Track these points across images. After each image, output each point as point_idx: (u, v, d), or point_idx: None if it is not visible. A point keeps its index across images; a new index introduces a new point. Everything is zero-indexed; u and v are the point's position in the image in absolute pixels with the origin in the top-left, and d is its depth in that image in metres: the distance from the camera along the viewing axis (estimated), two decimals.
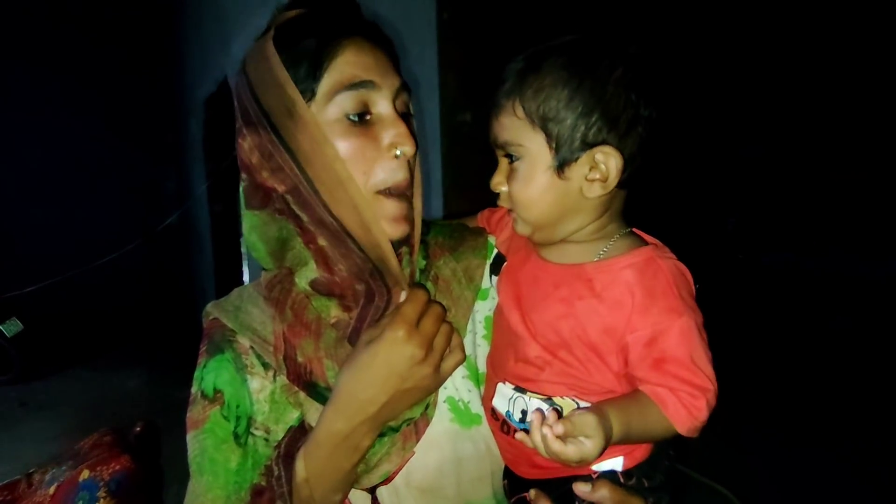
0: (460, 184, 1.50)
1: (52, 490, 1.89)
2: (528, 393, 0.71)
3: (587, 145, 0.69)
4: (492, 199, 0.92)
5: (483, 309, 0.83)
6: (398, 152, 0.70)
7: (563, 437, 0.59)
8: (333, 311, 0.74)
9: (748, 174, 4.06)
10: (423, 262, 0.80)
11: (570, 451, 0.58)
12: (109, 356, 4.79)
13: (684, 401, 0.64)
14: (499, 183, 0.74)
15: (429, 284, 0.78)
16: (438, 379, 0.68)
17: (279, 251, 0.75)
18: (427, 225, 0.83)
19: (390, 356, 0.65)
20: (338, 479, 0.68)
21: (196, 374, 0.75)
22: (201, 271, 5.39)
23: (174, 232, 5.62)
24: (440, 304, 0.70)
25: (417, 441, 0.72)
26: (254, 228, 0.75)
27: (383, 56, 0.72)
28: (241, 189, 0.76)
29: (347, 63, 0.68)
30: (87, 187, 5.74)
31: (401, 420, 0.71)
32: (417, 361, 0.65)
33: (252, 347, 0.74)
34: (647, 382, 0.66)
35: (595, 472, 0.70)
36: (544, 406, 0.70)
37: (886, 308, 3.45)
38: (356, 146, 0.69)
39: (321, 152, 0.68)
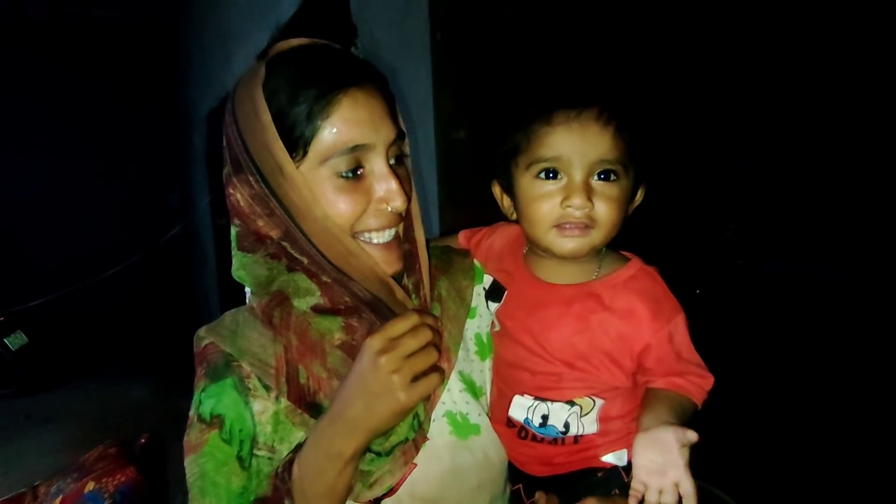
0: (456, 201, 1.53)
1: (57, 502, 1.92)
2: (549, 400, 0.78)
3: (643, 179, 0.79)
4: (487, 216, 0.96)
5: (472, 326, 0.87)
6: (389, 208, 0.72)
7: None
8: (337, 335, 0.75)
9: (746, 182, 4.08)
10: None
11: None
12: (114, 368, 4.82)
13: (699, 384, 0.77)
14: (587, 200, 0.74)
15: (435, 305, 0.82)
16: (410, 395, 0.67)
17: (268, 283, 0.77)
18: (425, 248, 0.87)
19: (360, 361, 0.68)
20: (323, 483, 0.69)
21: (195, 396, 0.76)
22: (205, 283, 5.43)
23: (178, 244, 5.67)
24: (435, 330, 0.71)
25: (417, 454, 0.74)
26: (244, 267, 0.77)
27: (379, 104, 0.72)
28: (232, 232, 0.77)
29: (342, 122, 0.69)
30: (92, 201, 5.80)
31: (392, 442, 0.73)
32: (380, 366, 0.66)
33: (253, 371, 0.75)
34: (667, 377, 0.76)
35: (603, 464, 0.77)
36: (566, 409, 0.77)
37: (885, 314, 3.45)
38: (347, 201, 0.71)
39: (312, 210, 0.70)
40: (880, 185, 3.67)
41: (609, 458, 0.77)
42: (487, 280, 0.90)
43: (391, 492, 0.74)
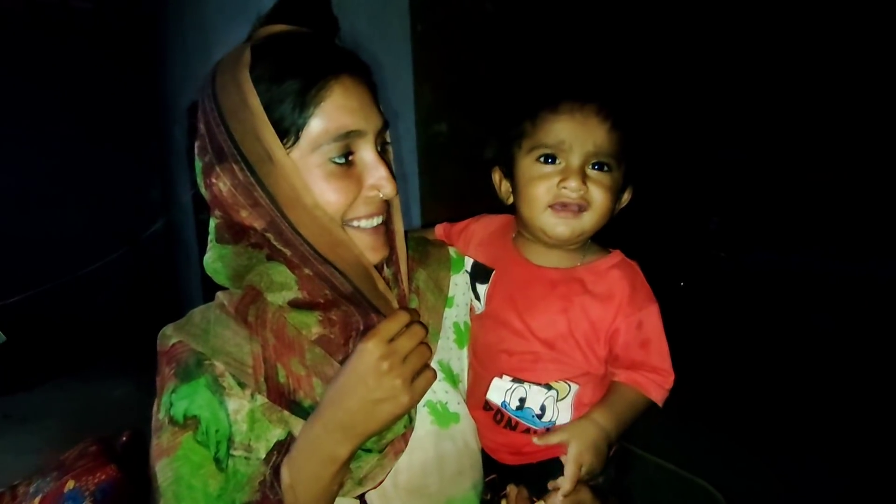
0: (437, 194, 1.53)
1: (36, 501, 1.88)
2: (527, 382, 0.82)
3: (631, 180, 0.86)
4: (469, 209, 0.97)
5: (450, 315, 0.88)
6: (381, 195, 0.73)
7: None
8: (314, 329, 0.75)
9: (729, 176, 4.13)
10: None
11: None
12: (95, 366, 4.75)
13: (658, 382, 0.81)
14: (582, 183, 0.80)
15: (413, 297, 0.82)
16: (412, 395, 0.69)
17: (242, 275, 0.76)
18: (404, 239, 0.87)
19: (358, 366, 0.68)
20: (318, 487, 0.69)
21: (163, 399, 0.74)
22: (187, 279, 5.37)
23: (160, 240, 5.59)
24: (423, 325, 0.73)
25: (405, 448, 0.75)
26: (221, 258, 0.76)
27: (366, 92, 0.72)
28: (212, 224, 0.76)
29: (335, 109, 0.68)
30: (71, 196, 5.69)
31: (386, 438, 0.74)
32: (384, 372, 0.67)
33: (228, 370, 0.74)
34: (629, 371, 0.81)
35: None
36: (543, 392, 0.81)
37: (867, 306, 3.52)
38: (338, 187, 0.70)
39: (301, 198, 0.69)
40: (863, 178, 3.73)
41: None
42: (469, 263, 0.92)
43: (376, 484, 0.74)
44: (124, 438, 2.39)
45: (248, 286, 0.76)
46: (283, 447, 0.73)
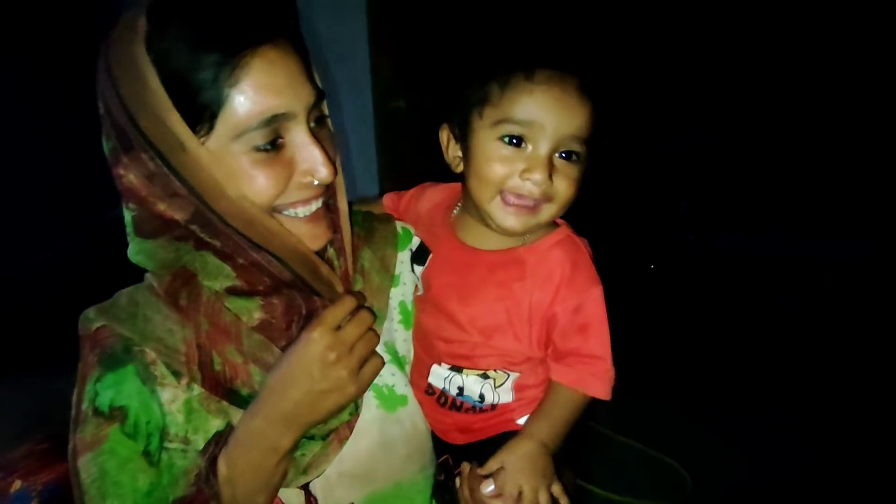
0: (397, 172, 1.47)
1: None
2: (464, 370, 0.77)
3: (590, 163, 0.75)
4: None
5: (396, 295, 0.83)
6: (315, 182, 0.66)
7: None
8: (256, 314, 0.69)
9: (698, 159, 4.17)
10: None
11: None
12: (50, 361, 4.59)
13: (595, 372, 0.74)
14: (547, 178, 0.70)
15: (357, 277, 0.77)
16: (359, 385, 0.66)
17: (171, 265, 0.69)
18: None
19: (303, 356, 0.64)
20: (259, 479, 0.66)
21: (87, 388, 0.67)
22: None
23: (119, 227, 5.41)
24: (370, 311, 0.69)
25: (350, 435, 0.72)
26: (143, 252, 0.68)
27: (295, 63, 0.63)
28: (127, 217, 0.67)
29: (256, 90, 0.59)
30: (20, 181, 5.45)
31: (331, 425, 0.70)
32: (330, 363, 0.64)
33: (159, 358, 0.68)
34: (565, 364, 0.74)
35: (519, 427, 0.76)
36: (479, 381, 0.77)
37: (830, 286, 3.61)
38: (266, 175, 0.63)
39: (223, 190, 0.62)
40: (832, 160, 3.81)
41: (524, 421, 0.78)
42: (415, 242, 0.86)
43: (320, 472, 0.71)
44: None
45: (181, 269, 0.69)
46: (220, 438, 0.68)
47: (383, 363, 0.71)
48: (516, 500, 0.70)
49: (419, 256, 0.83)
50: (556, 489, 0.72)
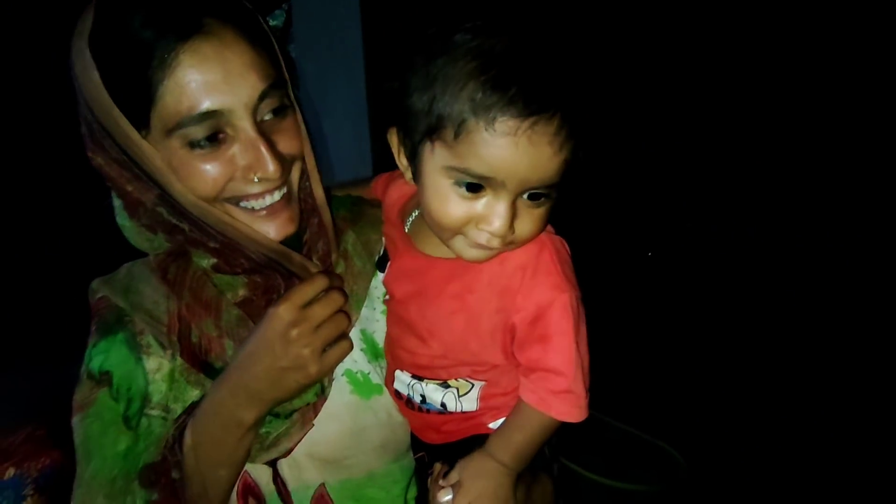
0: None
1: None
2: (425, 380, 0.72)
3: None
4: None
5: (381, 284, 0.81)
6: (255, 178, 0.64)
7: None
8: (241, 291, 0.71)
9: (695, 146, 4.16)
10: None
11: None
12: (48, 348, 4.59)
13: (556, 390, 0.65)
14: (509, 228, 0.60)
15: (339, 261, 0.77)
16: (321, 366, 0.65)
17: (158, 245, 0.72)
18: (330, 200, 0.79)
19: (266, 331, 0.64)
20: (222, 451, 0.66)
21: (87, 352, 0.72)
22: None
23: (113, 219, 5.38)
24: (343, 293, 0.68)
25: (315, 417, 0.71)
26: (127, 230, 0.71)
27: (237, 53, 0.60)
28: (115, 202, 0.70)
29: (182, 87, 0.58)
30: (14, 169, 5.42)
31: (294, 405, 0.70)
32: (292, 340, 0.63)
33: (146, 328, 0.71)
34: (530, 379, 0.66)
35: (491, 430, 0.72)
36: (440, 390, 0.72)
37: (831, 275, 3.61)
38: (203, 171, 0.62)
39: (175, 181, 0.63)
40: (833, 155, 3.80)
41: (496, 426, 0.72)
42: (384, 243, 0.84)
43: (287, 452, 0.71)
44: None
45: (175, 246, 0.71)
46: (192, 409, 0.69)
47: (351, 347, 0.70)
48: None
49: (381, 262, 0.79)
50: None
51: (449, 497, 0.67)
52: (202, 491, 0.67)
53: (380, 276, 0.79)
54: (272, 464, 0.71)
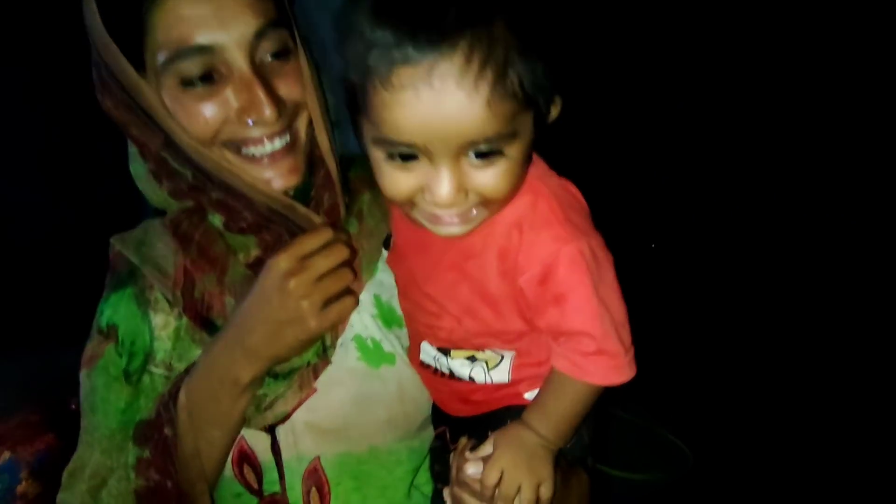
0: None
1: None
2: (452, 352, 0.67)
3: (551, 105, 0.56)
4: None
5: None
6: (250, 122, 0.62)
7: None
8: (253, 251, 0.70)
9: (702, 135, 4.11)
10: (346, 199, 0.76)
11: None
12: (42, 333, 4.57)
13: (586, 351, 0.58)
14: (458, 191, 0.52)
15: (353, 220, 0.74)
16: (321, 321, 0.62)
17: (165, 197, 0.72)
18: (350, 161, 0.78)
19: (264, 283, 0.62)
20: (216, 411, 0.65)
21: (99, 306, 0.73)
22: None
23: (117, 202, 5.35)
24: (350, 247, 0.66)
25: (315, 380, 0.68)
26: (139, 178, 0.72)
27: None
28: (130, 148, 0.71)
29: (170, 22, 0.58)
30: (19, 156, 5.38)
31: (293, 364, 0.67)
32: (289, 291, 0.60)
33: (153, 281, 0.71)
34: (558, 349, 0.60)
35: (526, 402, 0.66)
36: (467, 365, 0.67)
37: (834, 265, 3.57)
38: (200, 112, 0.61)
39: (175, 125, 0.63)
40: (835, 149, 3.75)
41: (532, 396, 0.67)
42: None
43: (284, 419, 0.68)
44: (73, 407, 2.29)
45: (180, 194, 0.71)
46: (192, 367, 0.69)
47: (356, 304, 0.66)
48: (493, 491, 0.58)
49: (387, 241, 0.76)
50: (545, 491, 0.59)
51: (478, 469, 0.59)
52: (194, 451, 0.64)
53: (384, 252, 0.76)
54: (271, 431, 0.68)
